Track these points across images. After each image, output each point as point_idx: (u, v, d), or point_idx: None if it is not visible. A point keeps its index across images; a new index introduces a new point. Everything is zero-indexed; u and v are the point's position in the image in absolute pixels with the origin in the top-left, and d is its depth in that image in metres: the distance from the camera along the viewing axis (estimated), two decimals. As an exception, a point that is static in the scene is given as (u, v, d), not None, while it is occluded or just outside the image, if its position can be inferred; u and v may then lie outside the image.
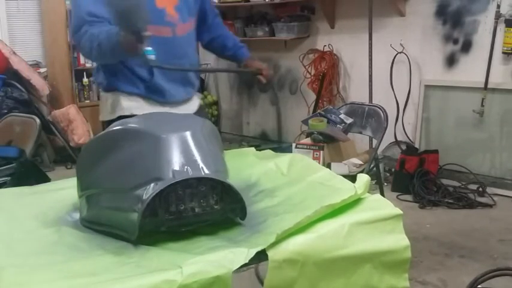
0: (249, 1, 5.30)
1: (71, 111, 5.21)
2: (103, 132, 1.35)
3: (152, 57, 1.67)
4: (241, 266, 1.04)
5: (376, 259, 1.19)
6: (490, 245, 3.15)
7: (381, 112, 3.12)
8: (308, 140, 2.95)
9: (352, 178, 1.39)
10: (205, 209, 1.20)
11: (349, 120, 3.04)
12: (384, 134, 3.09)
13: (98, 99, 5.95)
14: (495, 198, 3.89)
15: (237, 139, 6.06)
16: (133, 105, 1.99)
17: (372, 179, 1.41)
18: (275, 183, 1.50)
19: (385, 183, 4.19)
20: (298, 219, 1.13)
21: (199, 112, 2.18)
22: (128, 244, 1.18)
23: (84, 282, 0.99)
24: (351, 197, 1.25)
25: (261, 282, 1.90)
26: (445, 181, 4.13)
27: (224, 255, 1.04)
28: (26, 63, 5.27)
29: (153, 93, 2.00)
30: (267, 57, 5.39)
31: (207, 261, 1.03)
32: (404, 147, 4.42)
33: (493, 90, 3.98)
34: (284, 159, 1.67)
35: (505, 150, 4.03)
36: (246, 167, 1.63)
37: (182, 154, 1.21)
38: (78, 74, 5.90)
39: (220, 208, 1.22)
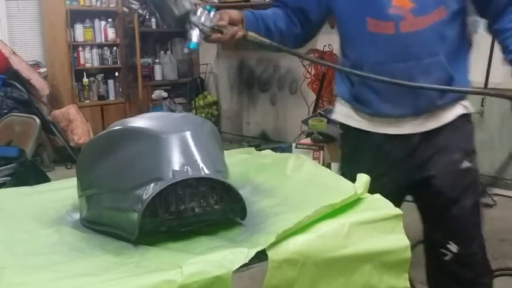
0: (249, 1, 5.30)
1: (71, 111, 5.22)
2: (103, 132, 1.35)
3: (188, 50, 1.51)
4: (241, 266, 1.04)
5: (376, 259, 1.19)
6: (490, 245, 3.12)
7: (381, 112, 3.12)
8: (308, 140, 2.96)
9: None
10: (205, 209, 1.20)
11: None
12: (384, 134, 3.08)
13: (98, 99, 6.05)
14: (495, 198, 3.89)
15: (237, 139, 6.06)
16: (343, 112, 1.76)
17: (372, 179, 1.40)
18: (275, 183, 1.49)
19: (385, 183, 4.19)
20: (298, 219, 1.13)
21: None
22: (128, 244, 1.18)
23: (84, 282, 0.99)
24: (351, 197, 1.25)
25: None
26: (445, 181, 4.12)
27: (224, 255, 1.04)
28: (26, 63, 5.27)
29: (356, 101, 1.69)
30: (267, 57, 5.39)
31: (207, 261, 1.03)
32: (404, 147, 4.41)
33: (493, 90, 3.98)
34: (284, 159, 1.67)
35: (505, 150, 4.02)
36: (245, 166, 1.63)
37: (182, 154, 1.21)
38: (78, 74, 5.90)
39: (220, 208, 1.22)
